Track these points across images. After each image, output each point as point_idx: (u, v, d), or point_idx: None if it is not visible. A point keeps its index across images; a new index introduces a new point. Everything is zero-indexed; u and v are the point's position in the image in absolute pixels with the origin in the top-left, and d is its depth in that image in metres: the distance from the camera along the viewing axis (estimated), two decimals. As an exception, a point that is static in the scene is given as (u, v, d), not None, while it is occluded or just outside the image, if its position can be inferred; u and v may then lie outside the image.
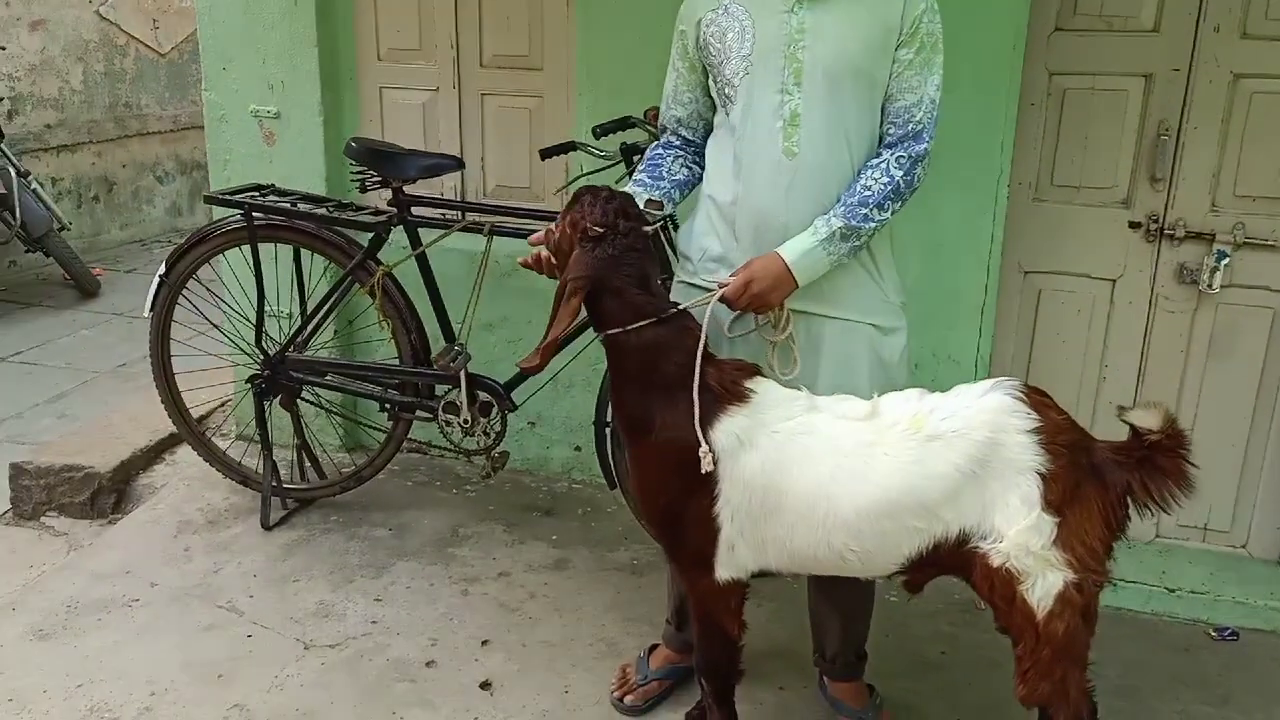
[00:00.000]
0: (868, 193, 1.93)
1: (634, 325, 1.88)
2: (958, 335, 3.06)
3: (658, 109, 2.65)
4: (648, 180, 2.14)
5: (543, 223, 2.98)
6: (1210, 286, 2.89)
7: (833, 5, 1.90)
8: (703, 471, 1.82)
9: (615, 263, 1.88)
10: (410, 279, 3.06)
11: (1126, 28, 2.84)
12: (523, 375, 3.03)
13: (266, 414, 3.20)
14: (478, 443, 3.09)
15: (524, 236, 2.91)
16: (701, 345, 1.85)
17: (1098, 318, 3.07)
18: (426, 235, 2.99)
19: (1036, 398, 1.80)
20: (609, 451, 2.91)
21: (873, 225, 1.93)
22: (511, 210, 3.01)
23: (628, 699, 2.39)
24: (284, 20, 3.38)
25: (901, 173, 1.94)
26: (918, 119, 1.94)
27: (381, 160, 2.91)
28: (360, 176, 2.95)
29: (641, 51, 3.16)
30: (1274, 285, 2.92)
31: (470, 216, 2.95)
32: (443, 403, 3.05)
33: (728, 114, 2.01)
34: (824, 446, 1.82)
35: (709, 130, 2.14)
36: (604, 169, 2.95)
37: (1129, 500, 1.79)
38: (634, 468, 1.99)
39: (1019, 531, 1.75)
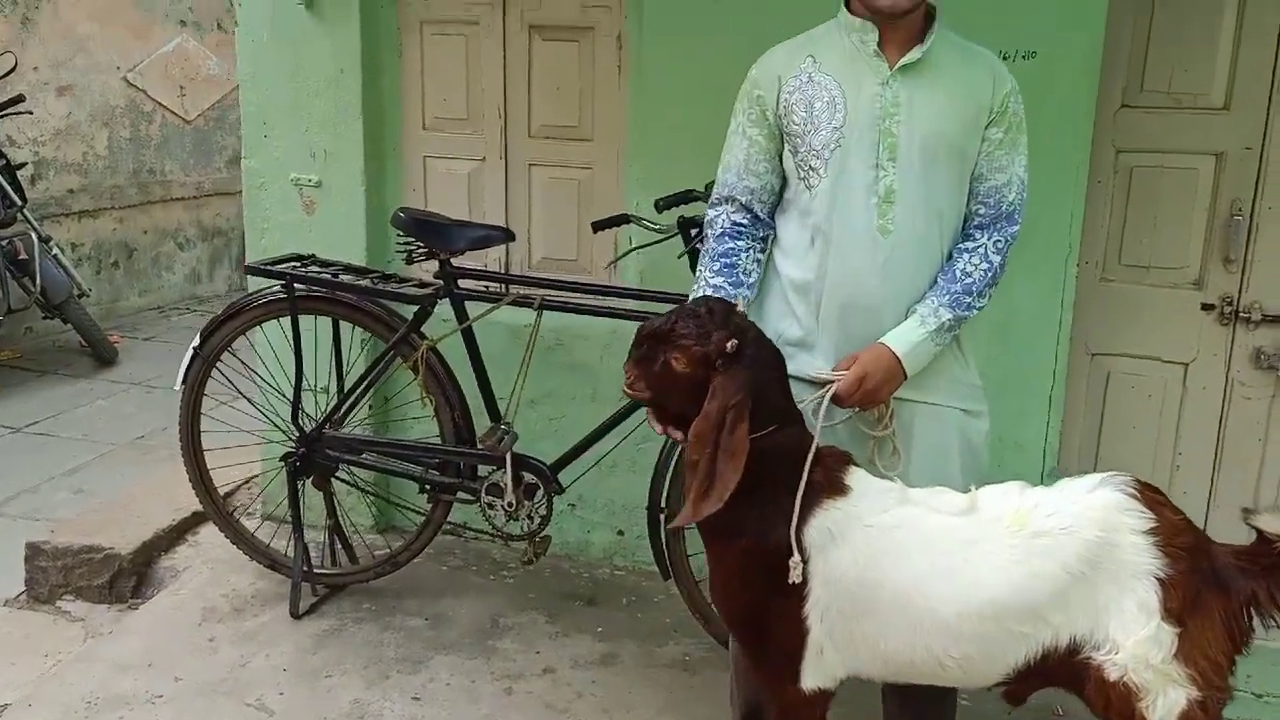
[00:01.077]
0: (969, 279, 1.89)
1: (766, 431, 1.78)
2: (1025, 420, 2.98)
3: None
4: (727, 287, 2.03)
5: (593, 296, 2.99)
6: (1304, 368, 2.82)
7: (927, 80, 1.88)
8: (790, 582, 1.73)
9: (760, 361, 1.79)
10: (454, 354, 3.01)
11: (1196, 105, 2.82)
12: (570, 455, 2.96)
13: (300, 494, 3.11)
14: (522, 527, 3.00)
15: (574, 311, 2.94)
16: (813, 449, 1.77)
17: (1170, 403, 3.00)
18: (473, 309, 2.95)
19: (1150, 495, 1.73)
20: (663, 539, 2.81)
21: (975, 313, 1.90)
22: (561, 284, 2.98)
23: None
24: (329, 88, 3.39)
25: (1000, 258, 1.91)
26: (1010, 200, 1.91)
27: (430, 231, 2.88)
28: (407, 247, 2.91)
29: (693, 121, 3.15)
30: (1370, 367, 2.85)
31: (516, 290, 2.90)
32: (486, 484, 2.98)
33: (809, 187, 1.96)
34: (920, 541, 1.74)
35: (776, 205, 2.09)
36: (658, 242, 2.92)
37: (1253, 610, 1.69)
38: (717, 567, 1.90)
39: (1137, 642, 1.66)
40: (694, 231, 2.77)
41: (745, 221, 2.09)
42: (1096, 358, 3.03)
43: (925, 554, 1.73)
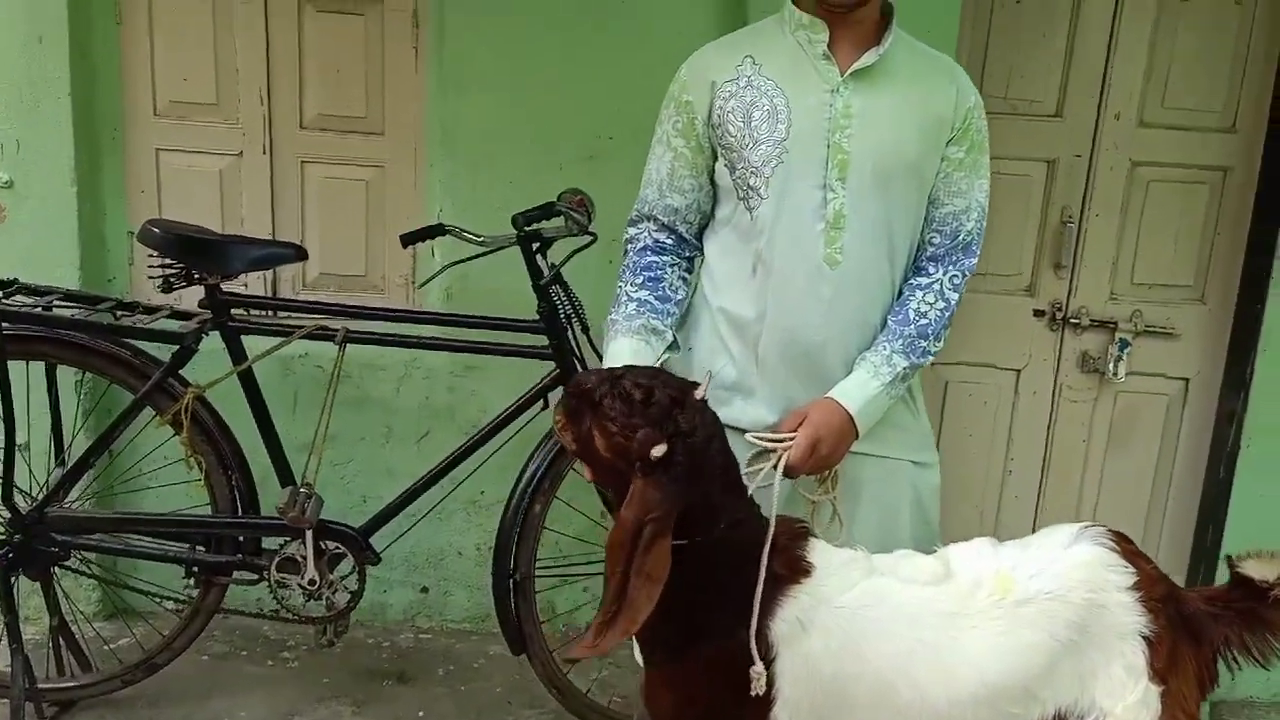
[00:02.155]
0: (924, 321, 1.73)
1: (714, 532, 1.52)
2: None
3: (575, 193, 2.36)
4: (653, 300, 1.79)
5: (405, 324, 2.62)
6: (1116, 375, 2.96)
7: (883, 88, 1.69)
8: (752, 694, 1.50)
9: (694, 473, 1.49)
10: (225, 401, 2.52)
11: (1031, 112, 2.87)
12: (387, 515, 2.58)
13: (14, 592, 2.48)
14: (326, 606, 2.57)
15: (384, 344, 2.55)
16: (769, 538, 1.53)
17: (1003, 409, 3.07)
18: (253, 344, 2.47)
19: (1126, 545, 1.66)
20: (515, 609, 2.50)
21: (931, 359, 1.74)
22: (356, 309, 2.57)
23: None
24: (23, 60, 2.75)
25: (957, 296, 1.77)
26: (969, 229, 1.77)
27: (196, 250, 2.38)
28: (163, 271, 2.39)
29: (507, 115, 2.87)
30: (1170, 373, 3.04)
31: (312, 319, 2.47)
32: (277, 560, 2.52)
33: (749, 209, 1.73)
34: (899, 619, 1.57)
35: (704, 225, 1.86)
36: (480, 255, 2.58)
37: (1221, 656, 1.67)
38: (664, 688, 1.62)
39: (1126, 708, 1.58)
40: (536, 246, 2.46)
41: (669, 241, 1.85)
42: (935, 367, 3.02)
43: (906, 633, 1.56)
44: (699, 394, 1.52)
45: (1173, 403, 3.07)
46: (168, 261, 2.38)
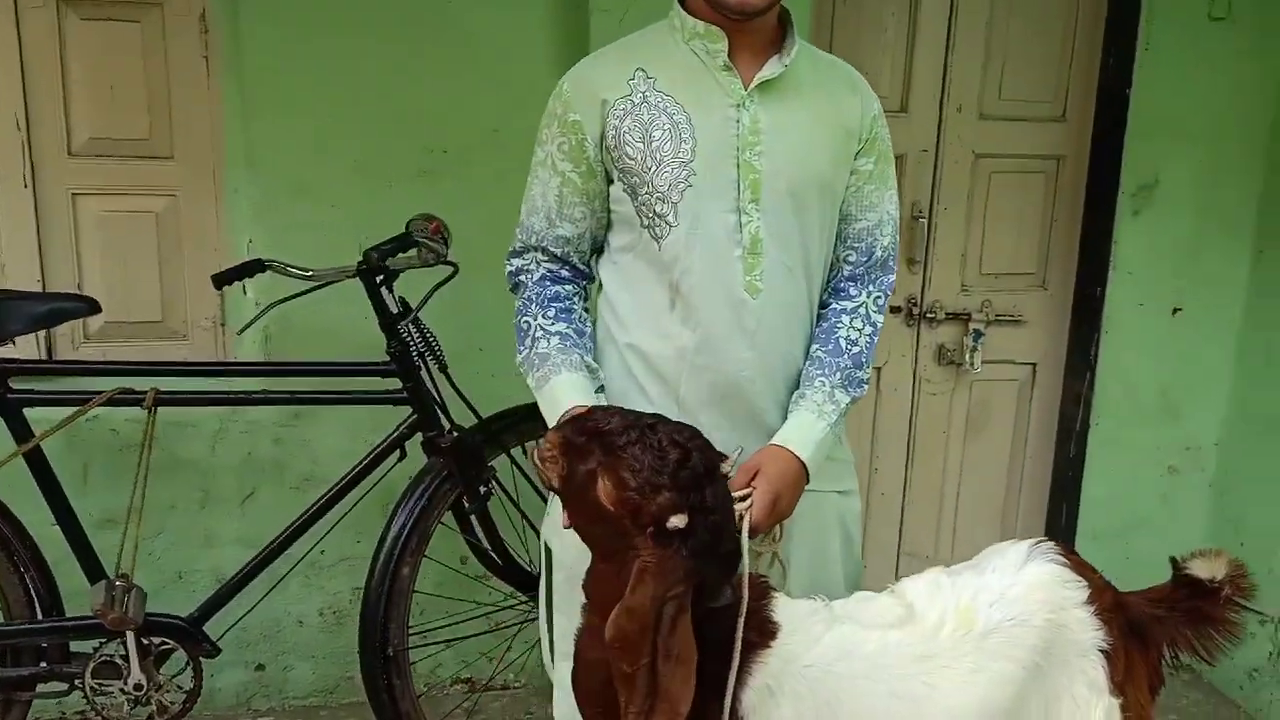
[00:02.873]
0: (856, 350, 1.65)
1: (700, 610, 1.37)
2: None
3: (429, 219, 2.17)
4: (574, 336, 1.64)
5: (215, 379, 2.35)
6: (972, 365, 3.03)
7: (790, 101, 1.59)
8: None
9: (709, 551, 1.34)
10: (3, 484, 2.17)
11: (877, 108, 2.88)
12: (219, 599, 2.30)
13: None
14: (158, 710, 2.26)
15: (205, 405, 2.28)
16: (743, 613, 1.41)
17: (866, 409, 3.08)
18: (37, 417, 2.14)
19: (1073, 558, 1.64)
20: (392, 685, 2.27)
21: (865, 389, 1.66)
22: (178, 367, 2.28)
23: None
24: None
25: (881, 318, 1.70)
26: (884, 244, 1.70)
27: (-36, 311, 2.01)
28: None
29: (331, 134, 2.64)
30: (1018, 358, 3.15)
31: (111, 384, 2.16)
32: (92, 665, 2.19)
33: (656, 238, 1.59)
34: (869, 672, 1.49)
35: (594, 252, 1.72)
36: (306, 292, 2.34)
37: (1168, 657, 1.69)
38: None
39: (1094, 728, 1.56)
40: (381, 279, 2.23)
41: (565, 273, 1.70)
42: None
43: (880, 686, 1.48)
44: (726, 468, 1.39)
45: (1023, 387, 3.19)
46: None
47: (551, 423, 1.58)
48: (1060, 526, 3.19)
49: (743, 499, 1.49)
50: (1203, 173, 2.98)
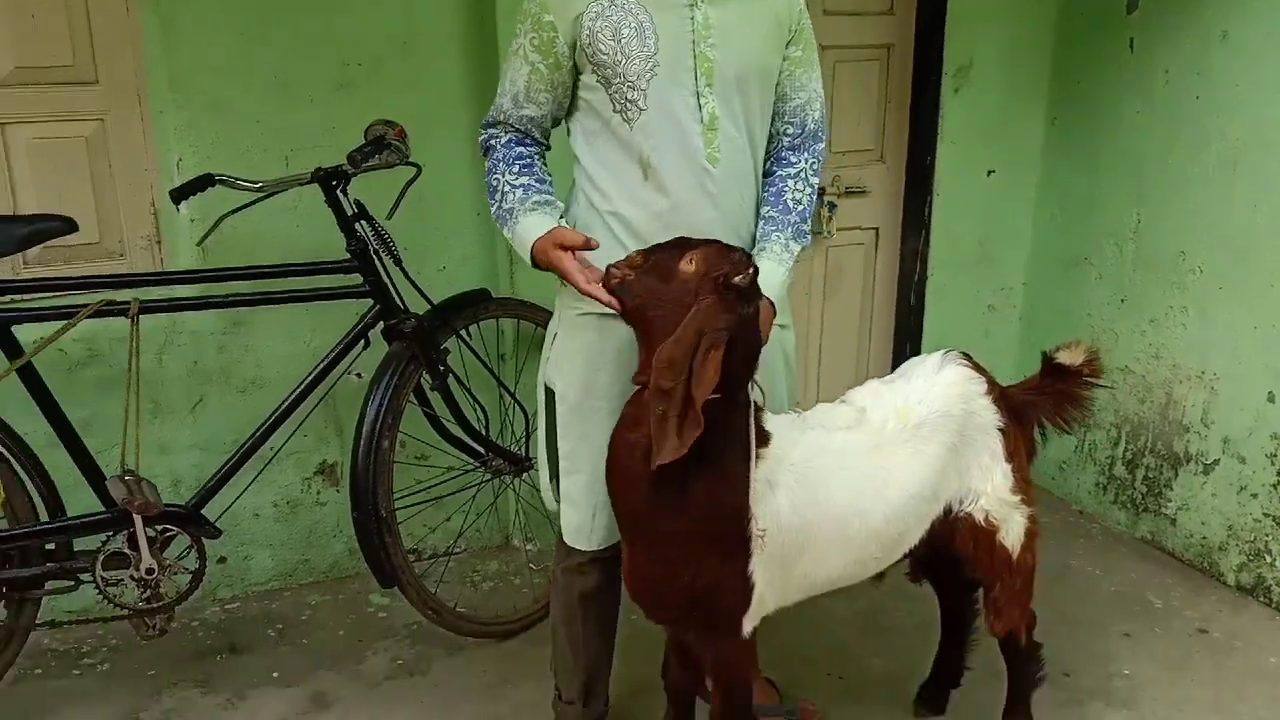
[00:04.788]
0: (801, 207, 1.91)
1: (732, 401, 1.63)
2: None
3: (390, 124, 2.27)
4: (536, 184, 1.86)
5: (193, 286, 2.41)
6: (829, 234, 3.37)
7: (733, 1, 1.81)
8: (756, 545, 1.68)
9: (747, 323, 1.63)
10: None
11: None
12: (213, 487, 2.40)
13: None
14: (165, 594, 2.36)
15: (183, 309, 2.34)
16: (753, 409, 1.68)
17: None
18: (26, 336, 2.17)
19: (973, 362, 1.99)
20: (385, 546, 2.43)
21: (810, 240, 1.92)
22: (152, 278, 2.32)
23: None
24: None
25: (818, 180, 1.96)
26: (815, 117, 1.95)
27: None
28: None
29: (249, 53, 2.64)
30: (863, 224, 3.51)
31: (95, 296, 2.20)
32: (102, 557, 2.27)
33: (627, 120, 1.80)
34: (838, 463, 1.80)
35: (549, 132, 1.93)
36: (254, 203, 2.41)
37: (1037, 430, 2.08)
38: (651, 557, 1.73)
39: (995, 486, 1.94)
40: (335, 184, 2.33)
41: (529, 141, 1.92)
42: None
43: (848, 475, 1.79)
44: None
45: (868, 249, 3.56)
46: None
47: (524, 255, 1.83)
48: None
49: None
50: (1007, 53, 3.38)
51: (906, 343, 3.62)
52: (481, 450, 2.71)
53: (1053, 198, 3.51)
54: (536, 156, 1.91)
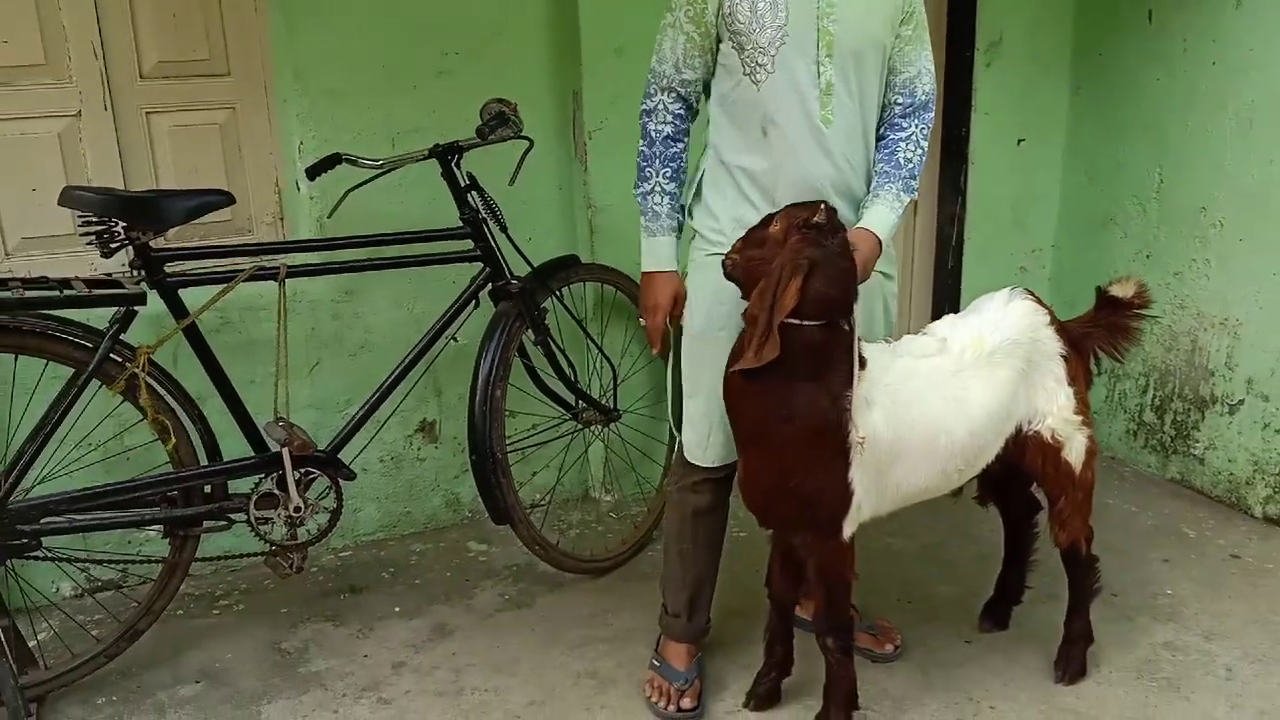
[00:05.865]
0: (911, 164, 2.12)
1: (814, 323, 1.84)
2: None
3: (504, 102, 2.46)
4: (677, 192, 2.15)
5: (327, 251, 2.60)
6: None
7: None
8: (856, 452, 1.89)
9: (831, 256, 1.84)
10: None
11: None
12: (349, 432, 2.60)
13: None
14: (308, 531, 2.57)
15: (323, 274, 2.54)
16: (856, 337, 1.90)
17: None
18: (191, 299, 2.37)
19: (1035, 296, 2.19)
20: (500, 484, 2.64)
21: (916, 193, 2.14)
22: (297, 245, 2.54)
23: (684, 703, 2.30)
24: None
25: (925, 143, 2.16)
26: (925, 89, 2.15)
27: (134, 207, 2.23)
28: (97, 229, 2.21)
29: (360, 45, 2.85)
30: (906, 193, 3.68)
31: (249, 262, 2.42)
32: (256, 496, 2.48)
33: (755, 82, 2.02)
34: (926, 385, 2.01)
35: (699, 99, 2.15)
36: (373, 179, 2.61)
37: (1092, 359, 2.28)
38: (766, 462, 1.95)
39: (1060, 407, 2.15)
40: (453, 158, 2.54)
41: (683, 112, 2.14)
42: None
43: (934, 394, 2.00)
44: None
45: (908, 215, 3.74)
46: (100, 221, 2.19)
47: (646, 263, 2.17)
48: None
49: None
50: (1033, 28, 3.57)
51: (945, 303, 3.80)
52: (573, 402, 2.91)
53: (1079, 163, 3.70)
54: (683, 155, 2.15)
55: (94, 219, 2.19)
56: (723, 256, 1.99)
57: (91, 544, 2.63)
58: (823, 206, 1.88)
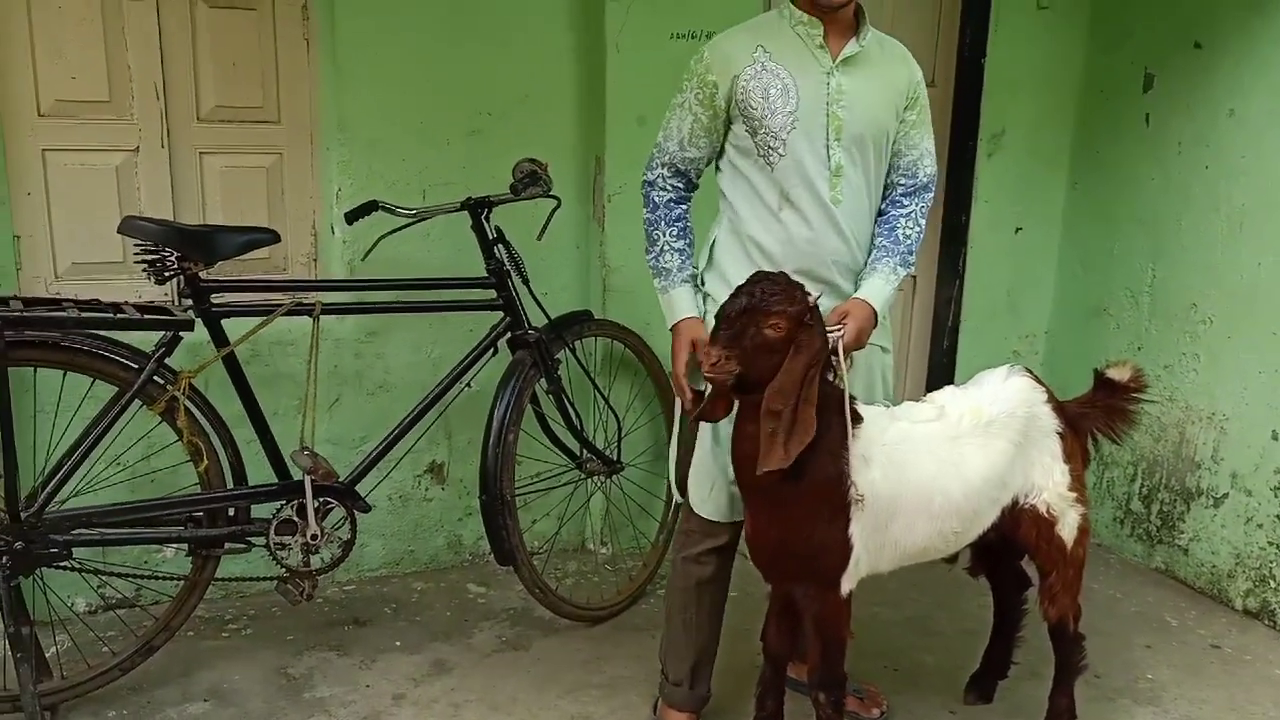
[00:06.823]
0: (909, 240, 2.23)
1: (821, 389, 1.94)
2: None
3: (534, 161, 2.57)
4: (688, 250, 2.23)
5: (360, 292, 2.70)
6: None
7: (861, 71, 2.14)
8: (855, 508, 1.97)
9: (823, 331, 1.96)
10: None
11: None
12: (367, 466, 2.68)
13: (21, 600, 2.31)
14: (322, 560, 2.63)
15: (353, 313, 2.63)
16: (848, 396, 1.98)
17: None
18: (232, 329, 2.47)
19: (1035, 376, 2.29)
20: (505, 526, 2.71)
21: (912, 268, 2.25)
22: (333, 284, 2.65)
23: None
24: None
25: (925, 221, 2.27)
26: (927, 171, 2.27)
27: (188, 239, 2.33)
28: (152, 258, 2.31)
29: (401, 101, 2.98)
30: (909, 273, 3.80)
31: (288, 297, 2.52)
32: (276, 523, 2.54)
33: (769, 163, 2.13)
34: (923, 448, 2.09)
35: (701, 174, 2.27)
36: (405, 226, 2.73)
37: (1090, 440, 2.36)
38: (770, 520, 2.02)
39: (1055, 483, 2.22)
40: (483, 212, 2.65)
41: (682, 186, 2.24)
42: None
43: (930, 456, 2.08)
44: (812, 300, 1.99)
45: (906, 296, 3.85)
46: (155, 251, 2.30)
47: (668, 316, 2.21)
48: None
49: (838, 329, 2.05)
50: (1034, 123, 3.73)
51: (940, 383, 3.85)
52: (578, 451, 2.99)
53: (1074, 253, 3.82)
54: (688, 216, 2.24)
55: (151, 247, 2.29)
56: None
57: (110, 561, 2.67)
58: (807, 293, 1.95)
